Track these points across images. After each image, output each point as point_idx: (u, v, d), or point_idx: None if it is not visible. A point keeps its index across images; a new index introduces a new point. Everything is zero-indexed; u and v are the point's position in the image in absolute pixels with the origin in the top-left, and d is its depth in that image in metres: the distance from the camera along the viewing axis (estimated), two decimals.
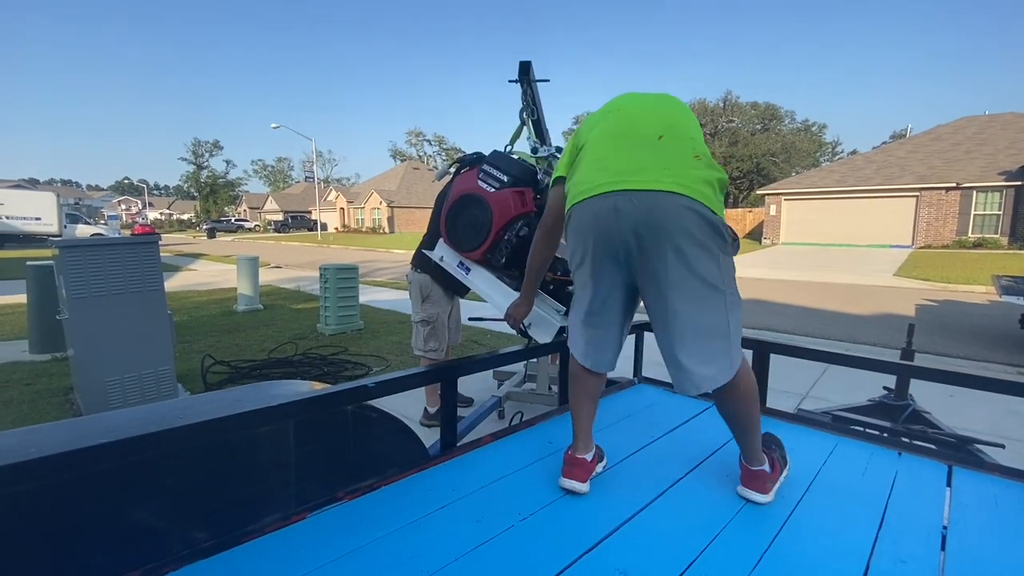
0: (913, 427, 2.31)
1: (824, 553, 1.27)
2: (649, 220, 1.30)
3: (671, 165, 1.33)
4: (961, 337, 6.52)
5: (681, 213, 1.29)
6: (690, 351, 1.38)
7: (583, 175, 1.42)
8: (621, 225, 1.33)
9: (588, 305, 1.51)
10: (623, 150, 1.39)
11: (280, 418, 1.27)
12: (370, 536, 1.27)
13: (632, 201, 1.31)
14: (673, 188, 1.29)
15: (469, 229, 1.78)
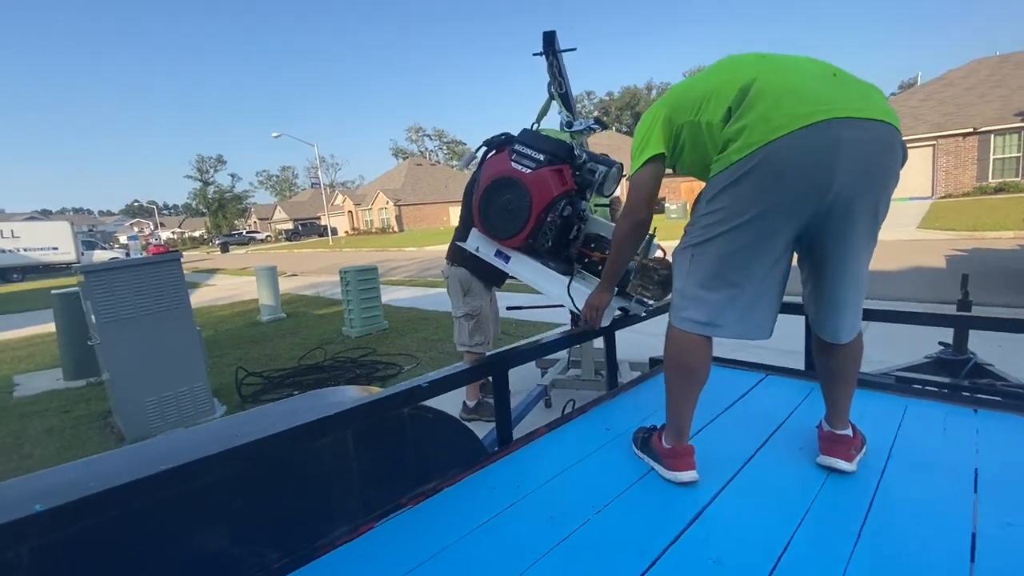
0: (979, 381, 2.20)
1: (926, 523, 1.19)
2: (878, 157, 1.12)
3: (871, 96, 1.14)
4: (997, 285, 6.31)
5: (899, 151, 1.15)
6: (854, 300, 1.31)
7: (767, 110, 1.13)
8: (839, 163, 1.09)
9: (744, 273, 1.26)
10: (813, 81, 1.16)
11: (340, 426, 1.22)
12: (442, 542, 1.21)
13: (863, 131, 1.09)
14: (893, 121, 1.12)
15: (505, 215, 1.69)
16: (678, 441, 1.43)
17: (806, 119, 1.09)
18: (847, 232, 1.20)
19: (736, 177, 1.18)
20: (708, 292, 1.30)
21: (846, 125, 1.08)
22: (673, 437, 1.43)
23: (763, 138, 1.12)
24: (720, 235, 1.25)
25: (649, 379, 2.30)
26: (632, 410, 1.97)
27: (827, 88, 1.14)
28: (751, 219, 1.20)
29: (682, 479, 1.39)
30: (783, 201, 1.16)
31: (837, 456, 1.41)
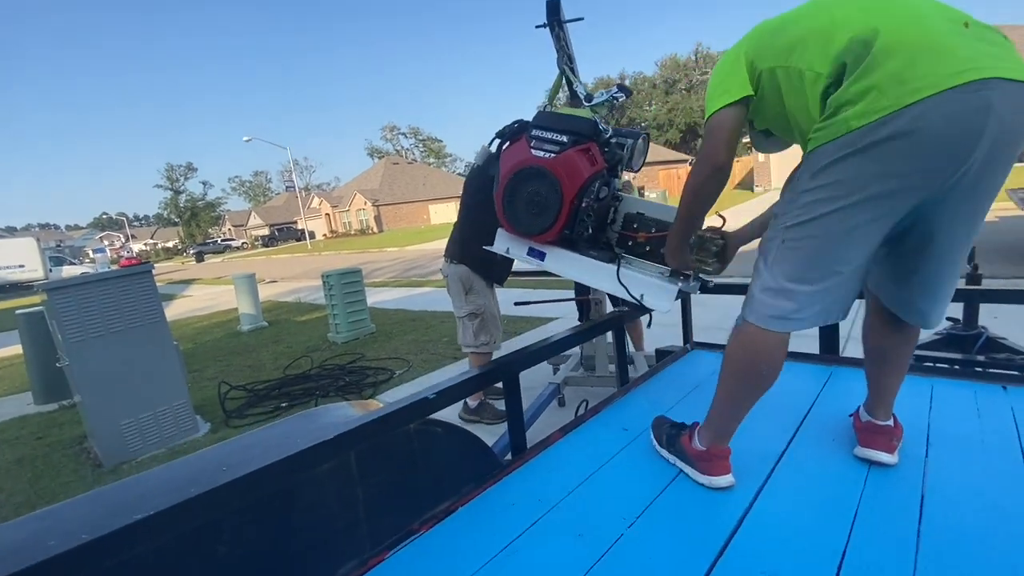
0: (997, 356, 2.14)
1: (987, 516, 1.09)
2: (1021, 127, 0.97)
3: (1011, 51, 0.98)
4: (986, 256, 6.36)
5: None
6: (954, 281, 1.20)
7: (900, 69, 0.97)
8: (987, 131, 0.94)
9: (848, 259, 1.10)
10: (949, 35, 0.98)
11: (340, 450, 1.08)
12: (465, 571, 1.08)
13: (1013, 95, 0.94)
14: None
15: (533, 208, 1.53)
16: (717, 443, 1.31)
17: (952, 79, 0.93)
18: (968, 210, 1.07)
19: (859, 148, 1.00)
20: (802, 284, 1.12)
21: (995, 87, 0.93)
22: (711, 439, 1.31)
23: (897, 102, 0.96)
24: (827, 214, 1.06)
25: (660, 371, 2.19)
26: (648, 407, 1.86)
27: (966, 43, 0.97)
28: (874, 196, 1.03)
29: (719, 484, 1.28)
30: (916, 173, 1.00)
31: (879, 448, 1.31)
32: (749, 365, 1.23)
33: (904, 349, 1.32)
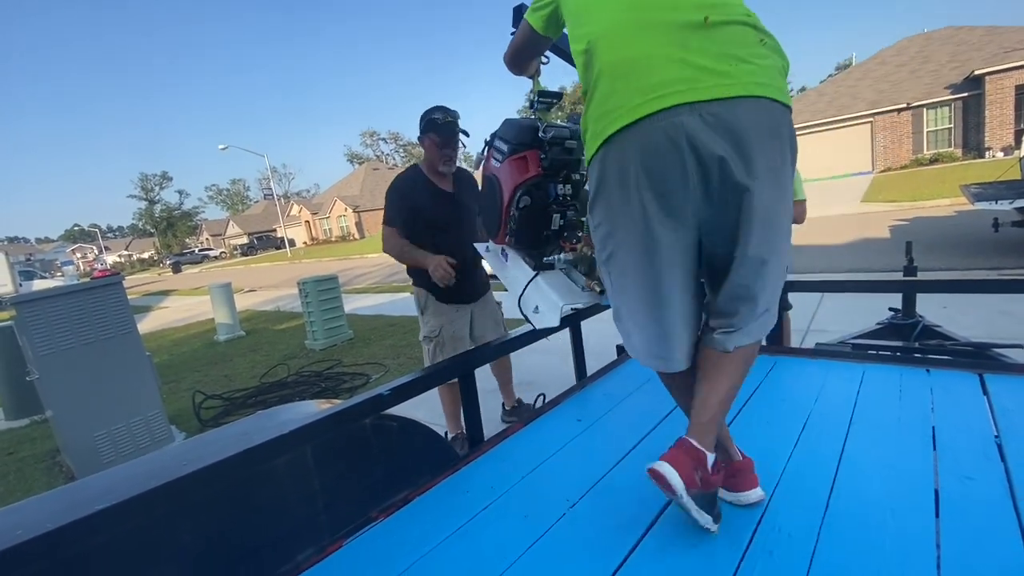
0: (929, 343, 2.29)
1: (890, 484, 1.21)
2: (734, 139, 0.92)
3: (739, 58, 0.93)
4: (940, 249, 6.65)
5: (771, 122, 0.94)
6: (769, 290, 1.08)
7: (606, 92, 0.96)
8: (687, 157, 0.93)
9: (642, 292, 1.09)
10: (655, 39, 0.93)
11: (296, 444, 1.15)
12: (416, 553, 1.17)
13: (702, 117, 0.90)
14: (757, 91, 0.91)
15: (489, 214, 1.63)
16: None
17: (638, 112, 0.92)
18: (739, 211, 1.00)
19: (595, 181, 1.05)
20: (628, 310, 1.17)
21: (687, 113, 0.90)
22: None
23: (604, 130, 0.97)
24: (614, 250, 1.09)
25: (618, 366, 2.30)
26: (603, 399, 1.96)
27: (674, 49, 0.92)
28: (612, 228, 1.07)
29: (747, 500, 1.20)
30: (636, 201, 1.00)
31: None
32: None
33: (738, 372, 1.17)
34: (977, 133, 18.73)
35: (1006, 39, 19.53)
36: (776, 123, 0.95)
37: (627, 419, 1.76)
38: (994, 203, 5.66)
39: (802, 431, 1.51)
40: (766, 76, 0.93)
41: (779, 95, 0.95)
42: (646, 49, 0.94)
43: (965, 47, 20.82)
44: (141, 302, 16.45)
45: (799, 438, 1.48)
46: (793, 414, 1.62)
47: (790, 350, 2.20)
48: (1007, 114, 17.70)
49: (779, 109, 0.95)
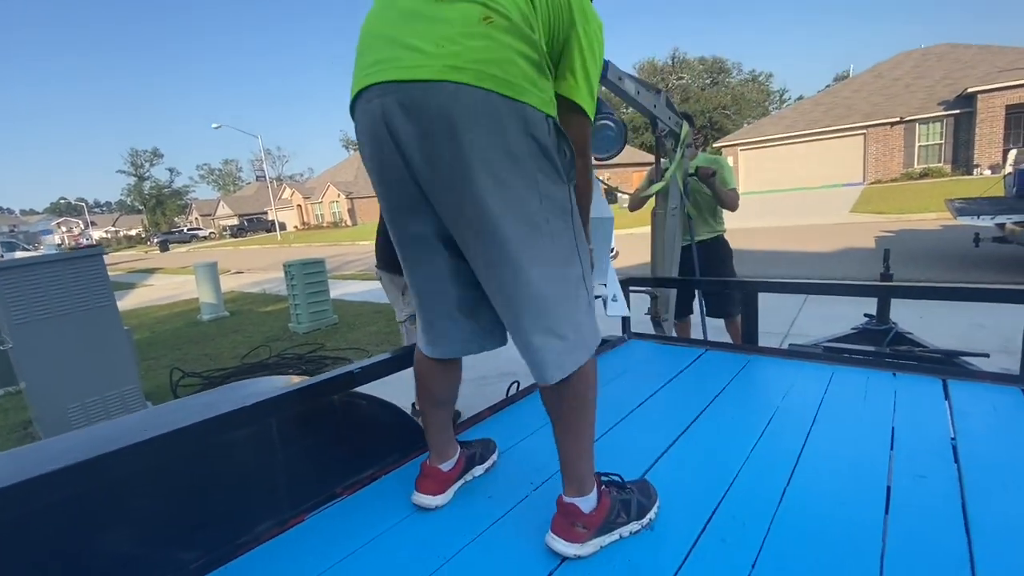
0: (900, 348, 2.34)
1: (845, 480, 1.24)
2: (420, 124, 0.86)
3: (447, 37, 0.84)
4: (921, 262, 6.77)
5: (464, 111, 0.83)
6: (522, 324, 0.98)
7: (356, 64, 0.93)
8: (387, 143, 0.90)
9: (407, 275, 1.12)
10: (387, 15, 0.91)
11: (260, 417, 1.15)
12: (377, 529, 1.18)
13: (398, 100, 0.85)
14: (442, 75, 0.82)
15: None
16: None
17: (357, 84, 0.89)
18: (450, 209, 0.94)
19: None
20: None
21: (382, 92, 0.86)
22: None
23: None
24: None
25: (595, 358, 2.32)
26: None
27: (398, 28, 0.87)
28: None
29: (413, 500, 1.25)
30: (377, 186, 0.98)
31: (558, 535, 1.04)
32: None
33: (555, 408, 1.07)
34: (967, 150, 19.01)
35: (1000, 58, 19.82)
36: (465, 114, 0.83)
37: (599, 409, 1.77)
38: (976, 218, 5.77)
39: (767, 426, 1.54)
40: (469, 59, 0.82)
41: (483, 81, 0.82)
42: (379, 26, 0.91)
43: (960, 64, 21.09)
44: (126, 279, 16.24)
45: (763, 432, 1.50)
46: (760, 410, 1.65)
47: (763, 349, 2.23)
48: (996, 132, 17.98)
49: (477, 97, 0.82)
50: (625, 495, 1.11)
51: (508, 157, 0.87)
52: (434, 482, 1.25)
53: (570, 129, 0.98)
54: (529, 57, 0.86)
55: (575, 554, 1.02)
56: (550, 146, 0.90)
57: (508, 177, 0.88)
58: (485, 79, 0.82)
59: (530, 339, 0.98)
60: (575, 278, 1.00)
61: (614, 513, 1.07)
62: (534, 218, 0.92)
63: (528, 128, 0.87)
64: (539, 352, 0.99)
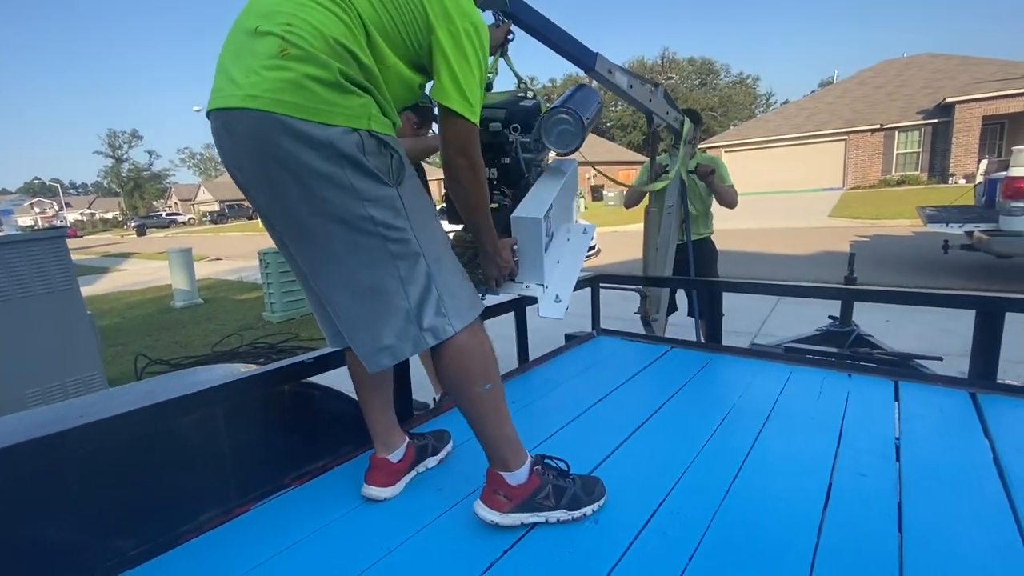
0: (859, 350, 2.39)
1: (789, 476, 1.27)
2: (237, 147, 0.97)
3: (252, 70, 0.92)
4: (892, 267, 6.92)
5: (258, 136, 0.93)
6: (347, 319, 1.07)
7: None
8: (228, 165, 1.02)
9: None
10: (231, 49, 0.99)
11: (203, 405, 1.13)
12: (325, 519, 1.17)
13: (224, 125, 0.96)
14: (244, 103, 0.91)
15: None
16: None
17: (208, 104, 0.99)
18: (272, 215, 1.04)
19: None
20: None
21: (215, 116, 0.97)
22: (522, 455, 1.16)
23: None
24: None
25: (563, 353, 2.33)
26: (541, 383, 1.99)
27: (231, 60, 0.97)
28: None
29: (363, 493, 1.25)
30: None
31: (483, 501, 1.12)
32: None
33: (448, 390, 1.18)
34: (943, 159, 19.46)
35: (979, 70, 20.28)
36: (265, 137, 0.92)
37: (559, 403, 1.79)
38: (945, 226, 5.91)
39: (721, 423, 1.57)
40: (266, 87, 0.90)
41: (277, 107, 0.90)
42: (222, 56, 1.00)
43: (940, 75, 21.54)
44: (99, 263, 15.85)
45: (716, 429, 1.53)
46: (716, 408, 1.68)
47: (727, 348, 2.26)
48: (972, 142, 18.40)
49: (270, 121, 0.91)
50: (562, 483, 1.14)
51: (312, 172, 0.94)
52: (384, 474, 1.26)
53: (445, 131, 1.06)
54: (324, 80, 0.92)
55: (492, 520, 1.08)
56: (362, 155, 0.96)
57: (318, 190, 0.95)
58: (278, 105, 0.90)
59: (351, 331, 1.07)
60: (414, 274, 1.04)
61: (541, 494, 1.12)
62: (356, 224, 0.99)
63: (329, 144, 0.93)
64: (358, 347, 1.08)
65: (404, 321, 1.04)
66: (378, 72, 0.99)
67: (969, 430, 1.47)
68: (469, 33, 1.03)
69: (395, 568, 1.02)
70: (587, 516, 1.14)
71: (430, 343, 1.05)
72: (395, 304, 1.03)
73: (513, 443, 1.13)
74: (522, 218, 1.37)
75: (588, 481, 1.19)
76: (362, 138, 0.96)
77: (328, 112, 0.93)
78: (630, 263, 8.18)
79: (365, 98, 0.97)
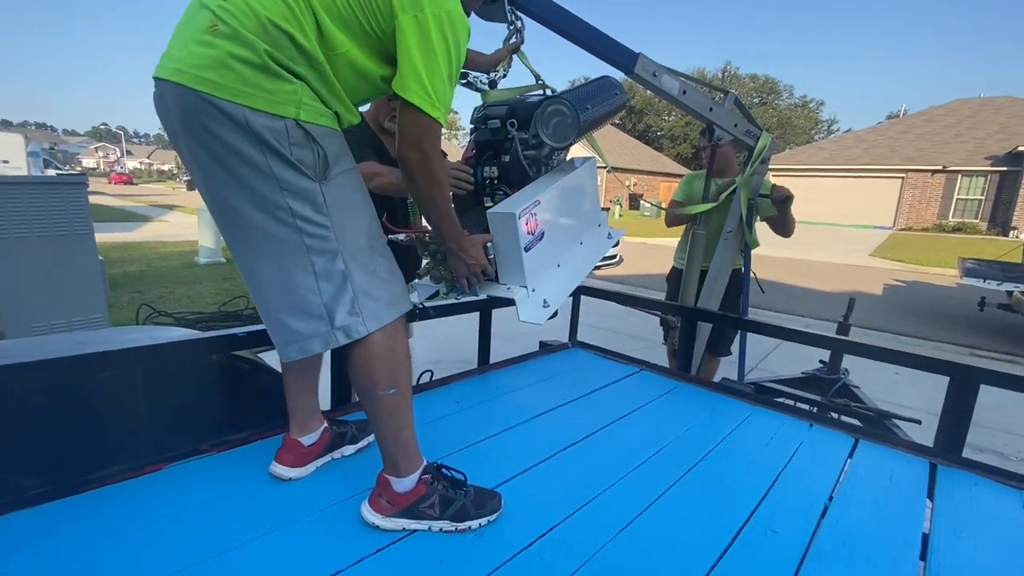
0: (836, 400, 2.29)
1: (696, 521, 1.23)
2: (168, 118, 0.98)
3: (185, 43, 0.94)
4: (922, 317, 6.59)
5: (182, 110, 0.93)
6: (262, 306, 1.09)
7: None
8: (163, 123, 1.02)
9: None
10: (183, 16, 1.00)
11: (122, 363, 1.18)
12: (232, 486, 1.20)
13: (161, 95, 0.97)
14: (171, 76, 0.92)
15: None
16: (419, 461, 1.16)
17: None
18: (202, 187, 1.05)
19: None
20: None
21: (156, 86, 0.97)
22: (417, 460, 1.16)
23: None
24: None
25: (529, 360, 2.31)
26: (493, 388, 1.98)
27: (178, 29, 0.99)
28: None
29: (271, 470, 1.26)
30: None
31: (368, 502, 1.14)
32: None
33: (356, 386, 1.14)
34: (1007, 210, 18.40)
35: None
36: (188, 113, 0.92)
37: (500, 411, 1.78)
38: (983, 281, 5.58)
39: (654, 454, 1.53)
40: (192, 63, 0.90)
41: (199, 84, 0.90)
42: (177, 26, 1.00)
43: (1018, 120, 20.31)
44: (144, 211, 16.60)
45: (647, 460, 1.49)
46: (657, 437, 1.64)
47: (693, 379, 2.20)
48: None
49: (191, 97, 0.91)
50: (450, 494, 1.13)
51: (233, 154, 0.93)
52: (292, 455, 1.27)
53: (400, 123, 1.02)
54: (249, 61, 0.90)
55: (373, 523, 1.10)
56: (286, 145, 0.94)
57: (239, 172, 0.95)
58: (201, 83, 0.90)
59: (269, 318, 1.09)
60: (329, 271, 1.02)
61: (425, 503, 1.11)
62: (274, 213, 0.98)
63: (248, 128, 0.92)
64: (272, 334, 1.11)
65: (315, 317, 1.03)
66: (323, 58, 0.95)
67: (911, 502, 1.39)
68: (440, 20, 0.97)
69: (268, 546, 1.04)
70: (472, 529, 1.13)
71: (341, 341, 1.04)
72: (307, 299, 1.02)
73: (409, 449, 1.13)
74: (496, 214, 1.32)
75: (484, 495, 1.18)
76: (287, 127, 0.94)
77: (251, 95, 0.91)
78: (654, 277, 8.03)
79: (296, 84, 0.94)
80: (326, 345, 1.05)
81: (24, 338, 1.27)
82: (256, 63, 0.91)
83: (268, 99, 0.92)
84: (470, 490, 1.16)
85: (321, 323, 1.03)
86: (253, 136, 0.92)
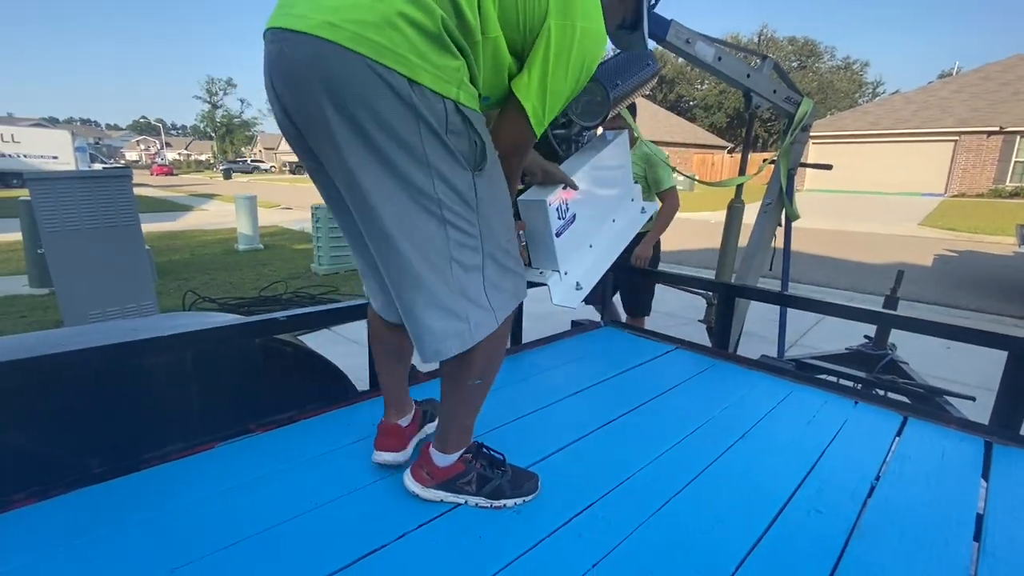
0: (884, 377, 2.21)
1: (736, 500, 1.21)
2: (295, 80, 0.82)
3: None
4: (977, 289, 6.25)
5: (339, 77, 0.78)
6: (401, 299, 0.97)
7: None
8: (273, 86, 0.87)
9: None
10: None
11: (173, 349, 1.23)
12: (280, 464, 1.25)
13: (280, 44, 0.81)
14: (315, 30, 0.76)
15: None
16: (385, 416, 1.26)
17: (268, 23, 0.84)
18: (329, 165, 0.90)
19: None
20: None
21: (281, 37, 0.80)
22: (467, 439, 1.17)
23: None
24: None
25: (561, 340, 2.31)
26: (528, 367, 1.99)
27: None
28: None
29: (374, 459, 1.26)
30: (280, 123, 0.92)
31: (411, 474, 1.16)
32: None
33: (448, 383, 1.11)
34: None
35: None
36: (336, 77, 0.77)
37: (535, 391, 1.78)
38: None
39: (691, 433, 1.51)
40: (351, 16, 0.76)
41: (359, 44, 0.75)
42: None
43: None
44: (185, 200, 17.17)
45: (685, 438, 1.48)
46: (693, 416, 1.62)
47: (731, 356, 2.16)
48: None
49: (346, 59, 0.76)
50: (488, 473, 1.14)
51: (386, 133, 0.81)
52: (395, 438, 1.25)
53: (501, 127, 0.94)
54: (420, 25, 0.77)
55: (414, 491, 1.14)
56: (444, 130, 0.84)
57: (390, 156, 0.83)
58: (360, 42, 0.75)
59: (409, 316, 0.98)
60: (468, 266, 0.96)
61: (463, 479, 1.13)
62: (419, 199, 0.87)
63: (412, 105, 0.80)
64: (417, 331, 0.98)
65: (453, 316, 0.95)
66: (480, 38, 0.85)
67: (965, 481, 1.34)
68: (586, 37, 0.89)
69: (314, 520, 1.08)
70: (507, 507, 1.15)
71: (477, 339, 0.98)
72: (445, 296, 0.94)
73: (464, 433, 1.14)
74: (527, 201, 1.30)
75: (521, 476, 1.19)
76: (447, 110, 0.83)
77: (418, 67, 0.78)
78: (684, 253, 7.87)
79: (460, 61, 0.84)
80: (463, 345, 0.97)
81: (80, 326, 1.35)
82: (430, 31, 0.78)
83: (435, 75, 0.80)
84: (508, 470, 1.18)
85: (459, 321, 0.96)
86: (413, 115, 0.80)
